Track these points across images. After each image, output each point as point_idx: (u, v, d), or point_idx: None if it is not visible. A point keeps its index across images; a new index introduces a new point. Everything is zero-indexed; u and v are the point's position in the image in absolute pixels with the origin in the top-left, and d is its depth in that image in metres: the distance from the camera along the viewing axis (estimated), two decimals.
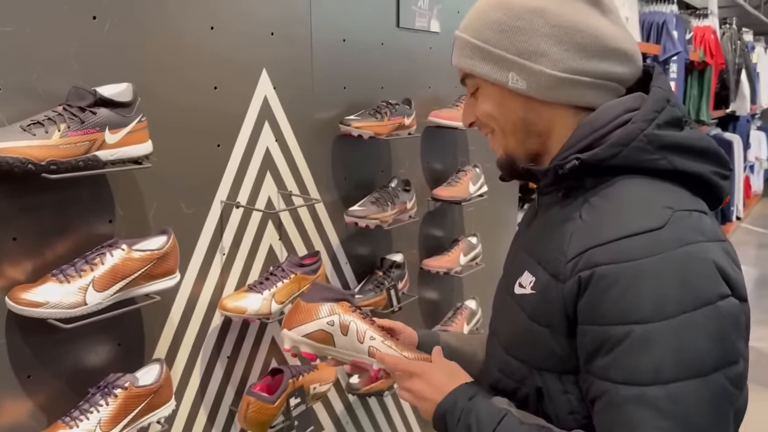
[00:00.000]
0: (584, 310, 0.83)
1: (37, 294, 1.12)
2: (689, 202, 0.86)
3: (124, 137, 1.17)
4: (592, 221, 0.86)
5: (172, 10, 1.37)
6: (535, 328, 0.91)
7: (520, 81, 0.92)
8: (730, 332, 0.79)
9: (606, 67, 0.92)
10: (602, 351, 0.81)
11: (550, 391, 0.91)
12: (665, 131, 0.87)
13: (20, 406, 1.20)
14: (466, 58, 0.97)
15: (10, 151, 1.03)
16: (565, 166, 0.89)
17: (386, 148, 2.02)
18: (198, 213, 1.48)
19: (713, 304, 0.78)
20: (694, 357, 0.77)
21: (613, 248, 0.81)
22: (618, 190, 0.87)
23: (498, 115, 0.97)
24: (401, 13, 2.02)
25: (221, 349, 1.57)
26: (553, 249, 0.89)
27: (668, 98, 0.89)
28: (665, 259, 0.78)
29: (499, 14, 0.92)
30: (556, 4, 0.91)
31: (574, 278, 0.83)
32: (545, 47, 0.90)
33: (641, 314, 0.78)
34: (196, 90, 1.44)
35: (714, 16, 5.42)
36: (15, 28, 1.12)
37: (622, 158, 0.86)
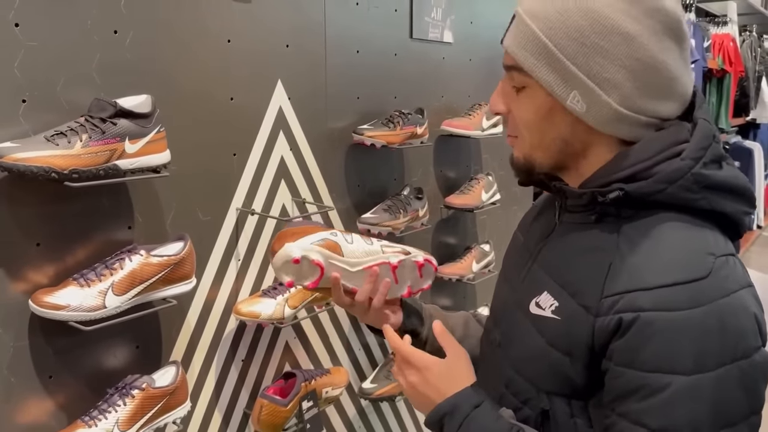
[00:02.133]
0: (622, 353, 0.82)
1: (59, 297, 1.17)
2: (723, 246, 0.85)
3: (143, 147, 1.22)
4: (633, 261, 0.84)
5: (190, 24, 1.42)
6: (553, 353, 0.89)
7: (581, 104, 0.85)
8: (760, 384, 0.81)
9: (664, 108, 0.88)
10: (637, 396, 0.81)
11: (557, 415, 0.90)
12: (710, 170, 0.85)
13: (42, 405, 1.25)
14: (527, 53, 0.86)
15: (35, 160, 1.08)
16: (608, 195, 0.86)
17: (399, 156, 2.06)
18: (214, 220, 1.52)
19: (749, 357, 0.79)
20: (728, 409, 0.79)
21: (659, 295, 0.80)
22: (659, 230, 0.85)
23: (538, 126, 0.90)
24: (414, 24, 2.05)
25: (236, 353, 1.61)
26: (586, 279, 0.87)
27: (714, 133, 0.87)
28: (709, 310, 0.78)
29: (584, 22, 0.83)
30: (648, 35, 0.83)
31: (613, 317, 0.82)
32: (621, 79, 0.84)
33: (683, 366, 0.78)
34: (213, 101, 1.48)
35: (733, 24, 5.38)
36: (40, 42, 1.18)
37: (665, 195, 0.84)
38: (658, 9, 0.83)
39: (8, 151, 1.07)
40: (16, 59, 1.15)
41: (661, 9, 0.83)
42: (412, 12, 2.04)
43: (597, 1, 0.83)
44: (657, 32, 0.83)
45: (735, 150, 6.44)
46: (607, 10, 0.82)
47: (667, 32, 0.84)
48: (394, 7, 1.98)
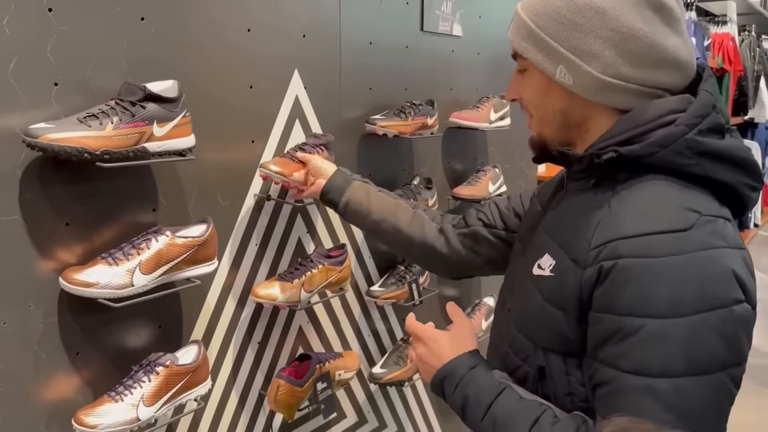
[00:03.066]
0: (600, 298, 0.85)
1: (89, 275, 1.21)
2: (715, 209, 0.88)
3: (170, 130, 1.26)
4: (619, 213, 0.88)
5: (212, 13, 1.45)
6: (548, 309, 0.94)
7: (568, 76, 0.93)
8: (739, 335, 0.83)
9: (657, 76, 0.92)
10: (613, 339, 0.83)
11: (552, 371, 0.94)
12: (706, 138, 0.88)
13: (69, 380, 1.29)
14: (520, 38, 0.98)
15: (69, 141, 1.12)
16: (602, 156, 0.91)
17: (409, 147, 2.10)
18: (233, 205, 1.56)
19: (728, 307, 0.81)
20: (703, 355, 0.80)
21: (637, 242, 0.83)
22: (649, 188, 0.89)
23: (539, 102, 1.00)
24: (425, 18, 2.09)
25: (252, 335, 1.65)
26: (578, 236, 0.91)
27: (714, 104, 0.90)
28: (687, 259, 0.81)
29: (561, 4, 0.92)
30: (620, 6, 0.90)
31: (596, 266, 0.86)
32: (598, 49, 0.91)
33: (657, 309, 0.81)
34: (233, 88, 1.52)
35: (733, 23, 5.44)
36: (71, 27, 1.21)
37: (658, 158, 0.88)
38: None
39: (43, 132, 1.11)
40: (49, 44, 1.18)
41: None
42: (423, 5, 2.07)
43: None
44: (632, 4, 0.90)
45: None
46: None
47: (644, 3, 0.90)
48: (405, 0, 2.02)
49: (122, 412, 1.25)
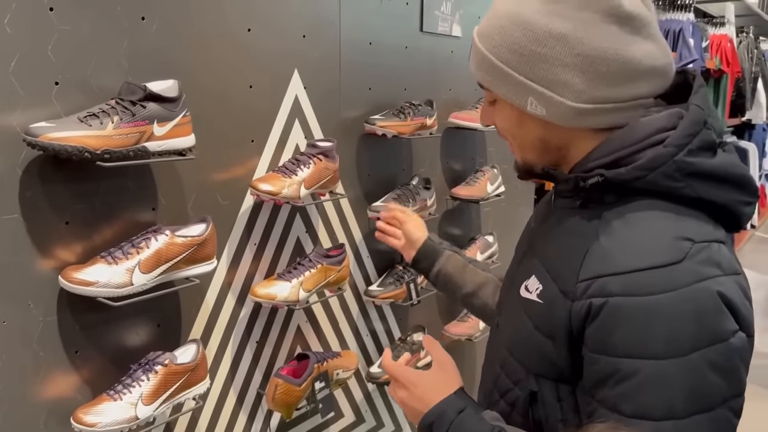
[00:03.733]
0: (594, 338, 0.82)
1: (88, 274, 1.21)
2: (709, 233, 0.83)
3: (170, 130, 1.26)
4: (607, 246, 0.84)
5: (212, 13, 1.46)
6: (538, 336, 0.91)
7: (540, 108, 0.88)
8: (738, 367, 0.80)
9: (633, 90, 0.87)
10: (611, 382, 0.81)
11: (544, 397, 0.92)
12: (696, 158, 0.83)
13: (68, 379, 1.29)
14: (483, 72, 0.92)
15: (70, 140, 1.12)
16: (588, 180, 0.87)
17: (408, 147, 2.10)
18: (232, 204, 1.57)
19: (726, 341, 0.78)
20: (705, 393, 0.78)
21: (628, 279, 0.80)
22: (638, 216, 0.84)
23: (516, 133, 0.95)
24: (425, 18, 2.10)
25: (251, 334, 1.66)
26: (566, 264, 0.88)
27: (705, 119, 0.85)
28: (680, 295, 0.78)
29: (519, 34, 0.86)
30: (582, 29, 0.84)
31: (584, 302, 0.83)
32: (567, 77, 0.85)
33: (654, 350, 0.78)
34: (233, 88, 1.53)
35: (731, 25, 5.44)
36: (72, 26, 1.21)
37: (646, 182, 0.84)
38: (591, 1, 0.84)
39: (44, 131, 1.11)
40: (50, 43, 1.19)
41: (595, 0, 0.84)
42: (422, 6, 2.08)
43: (526, 9, 0.86)
44: (594, 22, 0.84)
45: None
46: (536, 16, 0.85)
47: (607, 19, 0.84)
48: (405, 1, 2.02)
49: (121, 411, 1.25)
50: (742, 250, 6.58)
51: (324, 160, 1.63)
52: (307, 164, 1.59)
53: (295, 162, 1.60)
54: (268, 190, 1.52)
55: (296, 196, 1.56)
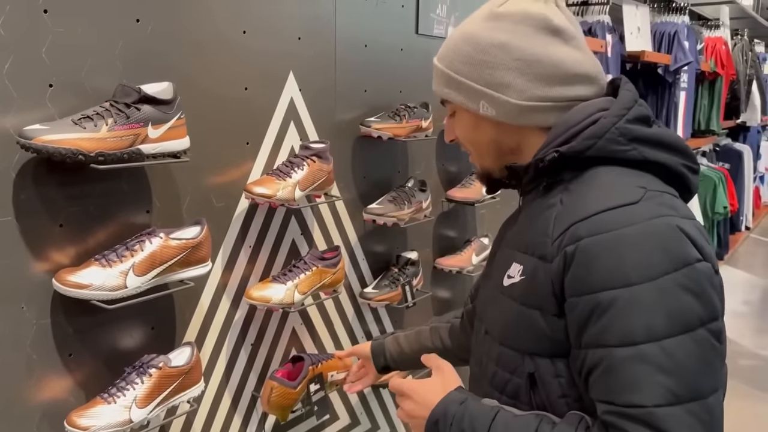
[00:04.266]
0: (571, 283, 0.88)
1: (82, 276, 1.21)
2: (660, 186, 0.93)
3: (165, 132, 1.26)
4: (572, 203, 0.93)
5: (207, 15, 1.45)
6: (526, 312, 0.95)
7: (490, 109, 1.01)
8: (708, 290, 0.85)
9: (568, 91, 0.99)
10: (593, 318, 0.85)
11: (543, 376, 0.95)
12: (635, 125, 0.94)
13: (62, 382, 1.28)
14: (442, 86, 1.06)
15: (64, 142, 1.12)
16: (546, 158, 0.96)
17: (403, 149, 2.10)
18: (227, 207, 1.56)
19: (691, 264, 0.84)
20: (681, 313, 0.83)
21: (593, 221, 0.87)
22: (594, 177, 0.94)
23: (473, 137, 1.07)
24: (420, 21, 2.10)
25: (245, 337, 1.66)
26: (538, 234, 0.95)
27: (636, 99, 0.97)
28: (643, 227, 0.85)
29: (467, 48, 1.01)
30: (519, 38, 0.98)
31: (560, 255, 0.89)
32: (510, 79, 0.99)
33: (626, 278, 0.83)
34: (228, 90, 1.52)
35: (726, 27, 5.46)
36: (66, 29, 1.21)
37: (596, 149, 0.94)
38: (526, 16, 0.99)
39: (38, 133, 1.11)
40: (44, 45, 1.18)
41: (527, 15, 0.99)
42: (418, 8, 2.08)
43: (473, 29, 1.02)
44: (529, 33, 0.99)
45: (725, 152, 6.53)
46: (482, 32, 1.01)
47: (539, 30, 0.99)
48: (401, 3, 2.02)
49: (115, 414, 1.25)
50: (737, 252, 6.60)
51: (318, 162, 1.63)
52: (301, 166, 1.59)
53: (289, 164, 1.60)
54: (262, 193, 1.52)
55: (291, 198, 1.56)
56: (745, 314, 4.82)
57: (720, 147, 6.47)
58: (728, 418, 0.89)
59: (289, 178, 1.57)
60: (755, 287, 5.58)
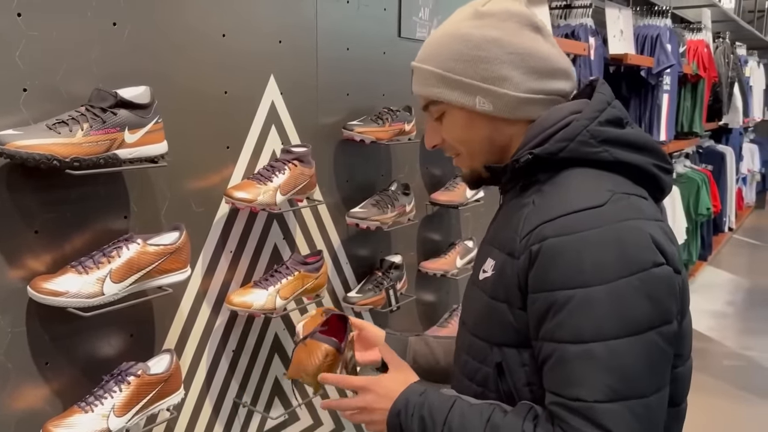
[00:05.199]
0: (534, 279, 0.92)
1: (58, 284, 1.19)
2: (629, 188, 0.95)
3: (142, 137, 1.24)
4: (542, 203, 0.96)
5: (186, 18, 1.44)
6: (494, 305, 1.00)
7: (487, 103, 1.02)
8: (663, 295, 0.89)
9: (554, 84, 1.03)
10: (549, 314, 0.90)
11: (510, 365, 0.99)
12: (606, 127, 0.97)
13: (38, 391, 1.26)
14: (431, 87, 1.06)
15: (38, 147, 1.10)
16: (520, 160, 0.99)
17: (387, 153, 2.10)
18: (207, 212, 1.55)
19: (647, 270, 0.87)
20: (631, 316, 0.86)
21: (559, 222, 0.91)
22: (566, 179, 0.97)
23: (465, 137, 1.07)
24: (403, 24, 2.09)
25: (227, 343, 1.64)
26: (510, 232, 0.99)
27: (609, 101, 1.00)
28: (605, 230, 0.88)
29: (458, 46, 1.02)
30: (510, 33, 1.01)
31: (526, 252, 0.93)
32: (506, 72, 1.01)
33: (583, 279, 0.87)
34: (208, 94, 1.51)
35: (707, 30, 5.51)
36: (41, 32, 1.19)
37: (569, 151, 0.96)
38: (510, 14, 1.03)
39: (11, 138, 1.09)
40: (18, 48, 1.16)
41: (512, 13, 1.03)
42: (400, 11, 2.08)
43: (463, 28, 1.03)
44: (517, 28, 1.02)
45: (708, 154, 6.59)
46: (472, 30, 1.02)
47: (525, 27, 1.02)
48: (383, 6, 2.02)
49: (92, 423, 1.23)
50: (720, 253, 6.66)
51: (299, 166, 1.62)
52: (282, 170, 1.58)
53: (270, 168, 1.58)
54: (243, 197, 1.50)
55: (272, 202, 1.55)
56: (729, 315, 4.86)
57: (703, 149, 6.53)
58: (712, 418, 0.91)
59: (270, 183, 1.56)
60: (738, 288, 5.62)
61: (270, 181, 1.56)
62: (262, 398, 1.76)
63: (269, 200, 1.54)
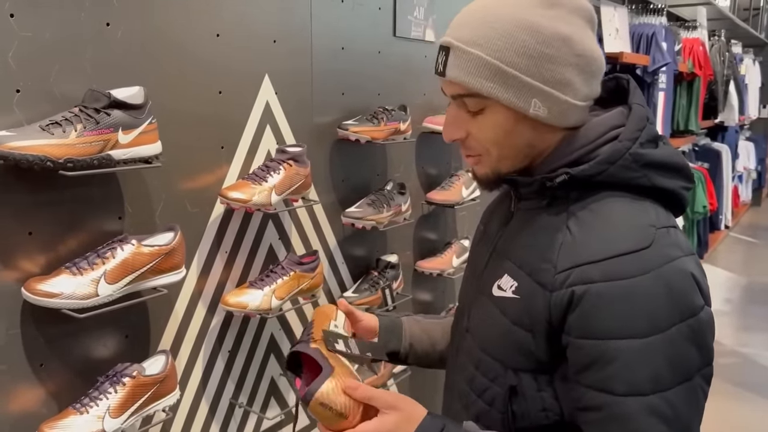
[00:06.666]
0: (578, 325, 0.87)
1: (52, 285, 1.18)
2: (665, 219, 0.92)
3: (136, 138, 1.24)
4: (581, 237, 0.89)
5: (180, 18, 1.44)
6: (516, 331, 0.94)
7: (542, 108, 0.91)
8: (708, 338, 0.88)
9: (597, 88, 0.97)
10: (599, 364, 0.85)
11: (524, 390, 0.94)
12: (646, 150, 0.92)
13: (32, 393, 1.26)
14: (480, 78, 0.90)
15: (31, 149, 1.10)
16: (555, 179, 0.92)
17: (382, 152, 2.10)
18: (202, 212, 1.55)
19: (696, 315, 0.86)
20: (684, 364, 0.85)
21: (606, 266, 0.86)
22: (604, 208, 0.91)
23: (504, 140, 0.95)
24: (398, 23, 2.09)
25: (222, 344, 1.64)
26: (540, 258, 0.92)
27: (647, 116, 0.95)
28: (654, 277, 0.85)
29: (526, 37, 0.89)
30: (578, 32, 0.92)
31: (565, 291, 0.87)
32: (570, 77, 0.91)
33: (637, 329, 0.84)
34: (202, 94, 1.51)
35: (703, 29, 5.52)
36: (34, 33, 1.19)
37: (607, 175, 0.91)
38: (578, 6, 0.93)
39: (4, 140, 1.09)
40: (11, 49, 1.16)
41: (580, 6, 0.94)
42: (395, 11, 2.08)
43: (531, 16, 0.90)
44: (583, 27, 0.93)
45: (704, 152, 6.60)
46: (542, 20, 0.90)
47: (589, 24, 0.94)
48: (378, 6, 2.02)
49: (88, 424, 1.23)
50: (716, 250, 6.67)
51: (294, 165, 1.62)
52: (277, 170, 1.58)
53: (265, 168, 1.58)
54: (237, 197, 1.50)
55: (267, 202, 1.55)
56: (726, 312, 4.87)
57: (699, 147, 6.54)
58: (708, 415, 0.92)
59: (265, 183, 1.56)
60: (735, 285, 5.63)
61: (265, 181, 1.56)
62: (258, 398, 1.76)
63: (264, 200, 1.54)
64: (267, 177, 1.57)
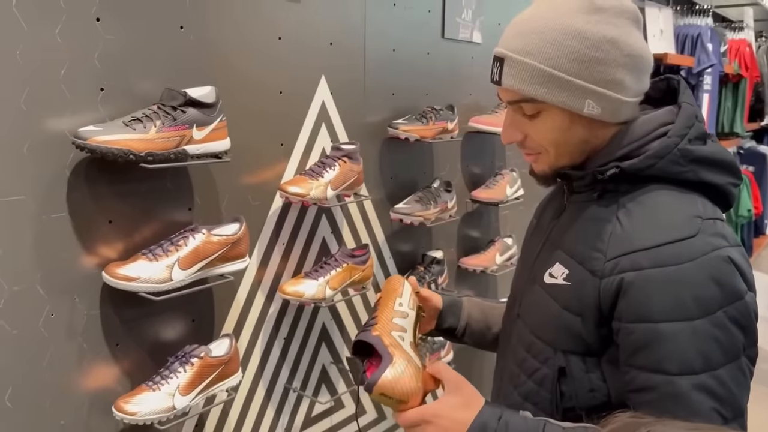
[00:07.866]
0: (629, 310, 0.92)
1: (131, 270, 1.28)
2: (711, 211, 0.97)
3: (208, 134, 1.33)
4: (630, 227, 0.95)
5: (246, 22, 1.52)
6: (566, 315, 0.99)
7: (596, 107, 0.97)
8: (752, 320, 0.93)
9: (646, 83, 1.03)
10: (652, 346, 0.91)
11: (573, 371, 1.00)
12: (694, 146, 0.97)
13: (108, 371, 1.36)
14: (534, 85, 0.97)
15: (116, 143, 1.19)
16: (606, 173, 0.98)
17: (429, 150, 2.16)
18: (262, 205, 1.63)
19: (742, 299, 0.91)
20: (732, 344, 0.90)
21: (654, 254, 0.91)
22: (652, 199, 0.97)
23: (561, 139, 1.01)
24: (446, 25, 2.15)
25: (279, 330, 1.72)
26: (590, 246, 0.98)
27: (696, 114, 1.00)
28: (702, 262, 0.90)
29: (575, 43, 0.95)
30: (625, 32, 0.97)
31: (615, 277, 0.93)
32: (621, 76, 0.97)
33: (688, 312, 0.89)
34: (265, 94, 1.59)
35: (750, 29, 5.43)
36: (117, 36, 1.28)
37: (656, 169, 0.97)
38: (623, 9, 0.98)
39: (92, 134, 1.18)
40: (97, 51, 1.26)
41: (625, 8, 0.99)
42: (444, 13, 2.14)
43: (577, 23, 0.96)
44: (629, 27, 0.98)
45: (749, 155, 6.48)
46: (588, 26, 0.96)
47: (634, 24, 0.99)
48: (427, 8, 2.08)
49: (159, 401, 1.32)
50: (760, 255, 6.53)
51: (348, 162, 1.69)
52: (333, 166, 1.66)
53: (321, 164, 1.66)
54: (296, 192, 1.58)
55: (323, 197, 1.62)
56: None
57: (744, 150, 6.42)
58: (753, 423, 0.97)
59: (321, 178, 1.64)
60: None
61: (321, 176, 1.64)
62: (310, 384, 1.84)
63: (320, 195, 1.61)
64: (323, 173, 1.65)
